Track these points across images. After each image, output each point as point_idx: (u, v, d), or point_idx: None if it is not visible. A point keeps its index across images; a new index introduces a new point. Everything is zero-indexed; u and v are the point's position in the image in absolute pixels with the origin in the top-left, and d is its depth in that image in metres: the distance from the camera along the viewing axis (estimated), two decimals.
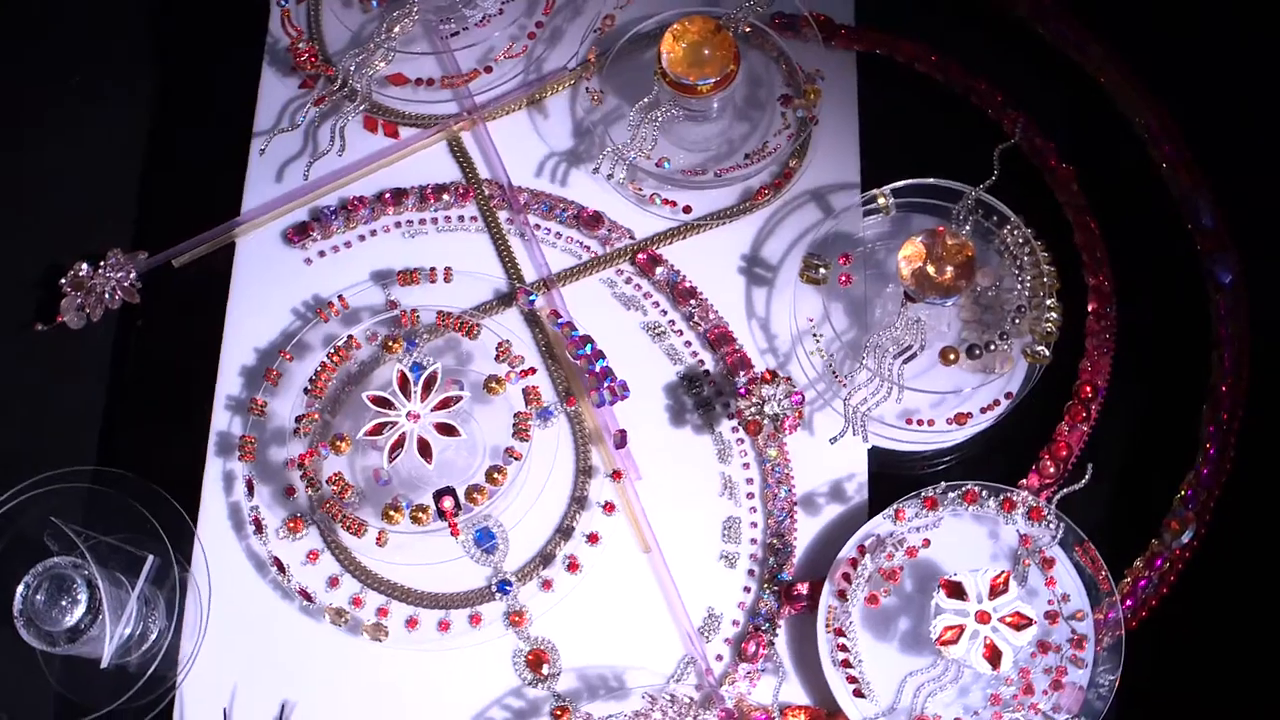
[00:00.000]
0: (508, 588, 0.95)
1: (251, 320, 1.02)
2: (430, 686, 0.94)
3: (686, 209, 1.03)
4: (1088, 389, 0.98)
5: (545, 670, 0.94)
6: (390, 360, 0.95)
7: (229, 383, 1.00)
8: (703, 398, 0.98)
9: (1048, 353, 0.96)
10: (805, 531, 0.97)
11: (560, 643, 0.95)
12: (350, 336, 0.96)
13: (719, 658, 0.95)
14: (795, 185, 1.04)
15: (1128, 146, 1.05)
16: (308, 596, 0.94)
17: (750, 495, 0.98)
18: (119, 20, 1.11)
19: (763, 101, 1.05)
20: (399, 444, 0.92)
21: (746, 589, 0.96)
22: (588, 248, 1.04)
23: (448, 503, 0.90)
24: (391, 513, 0.91)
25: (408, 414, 0.92)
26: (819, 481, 0.98)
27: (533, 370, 0.95)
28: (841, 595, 0.90)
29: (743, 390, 0.94)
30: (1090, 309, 1.01)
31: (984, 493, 0.92)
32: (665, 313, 1.03)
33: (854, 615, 0.91)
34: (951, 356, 0.93)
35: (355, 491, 0.93)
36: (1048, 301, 0.96)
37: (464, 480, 0.93)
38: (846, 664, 0.89)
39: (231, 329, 1.02)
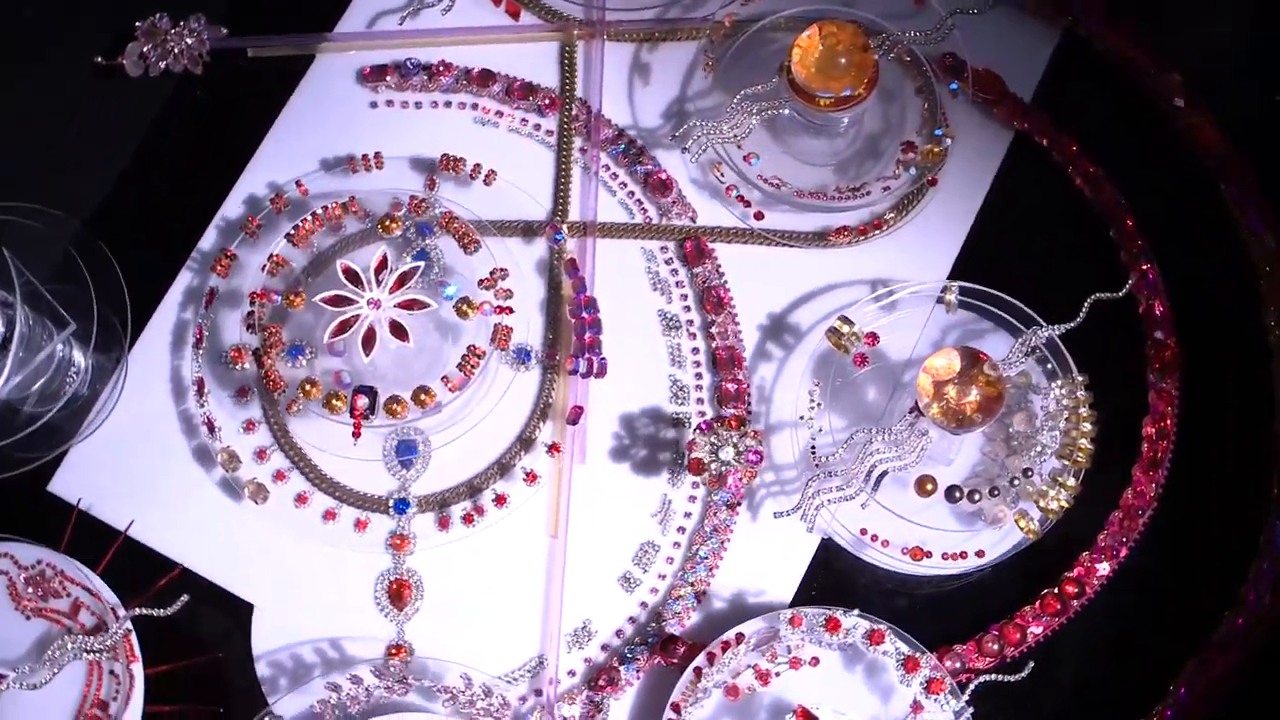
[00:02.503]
0: (405, 509, 0.96)
1: (292, 141, 1.04)
2: (284, 568, 0.96)
3: (758, 215, 1.01)
4: (1072, 587, 0.93)
5: (402, 605, 0.95)
6: (387, 240, 0.96)
7: (234, 205, 1.02)
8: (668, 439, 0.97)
9: (1039, 529, 0.91)
10: (717, 591, 0.95)
11: (428, 588, 0.95)
12: (352, 198, 0.97)
13: (571, 673, 0.94)
14: (878, 240, 1.00)
15: (1255, 352, 0.98)
16: (211, 427, 0.97)
17: (681, 530, 0.97)
18: None
19: (885, 140, 1.01)
20: (348, 325, 0.93)
21: (632, 620, 0.95)
22: (645, 210, 1.02)
23: (362, 402, 0.91)
24: (308, 386, 0.92)
25: (370, 300, 0.93)
26: (757, 550, 0.96)
27: (510, 310, 0.94)
28: (698, 673, 0.88)
29: (704, 424, 0.92)
30: (1120, 505, 0.95)
31: (892, 640, 0.88)
32: (689, 309, 1.01)
33: (708, 700, 0.89)
34: (929, 488, 0.89)
35: (288, 351, 0.94)
36: (1068, 479, 0.91)
37: (405, 388, 0.93)
38: None
39: (269, 143, 1.04)
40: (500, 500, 0.96)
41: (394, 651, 0.94)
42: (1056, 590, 0.93)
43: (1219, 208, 1.00)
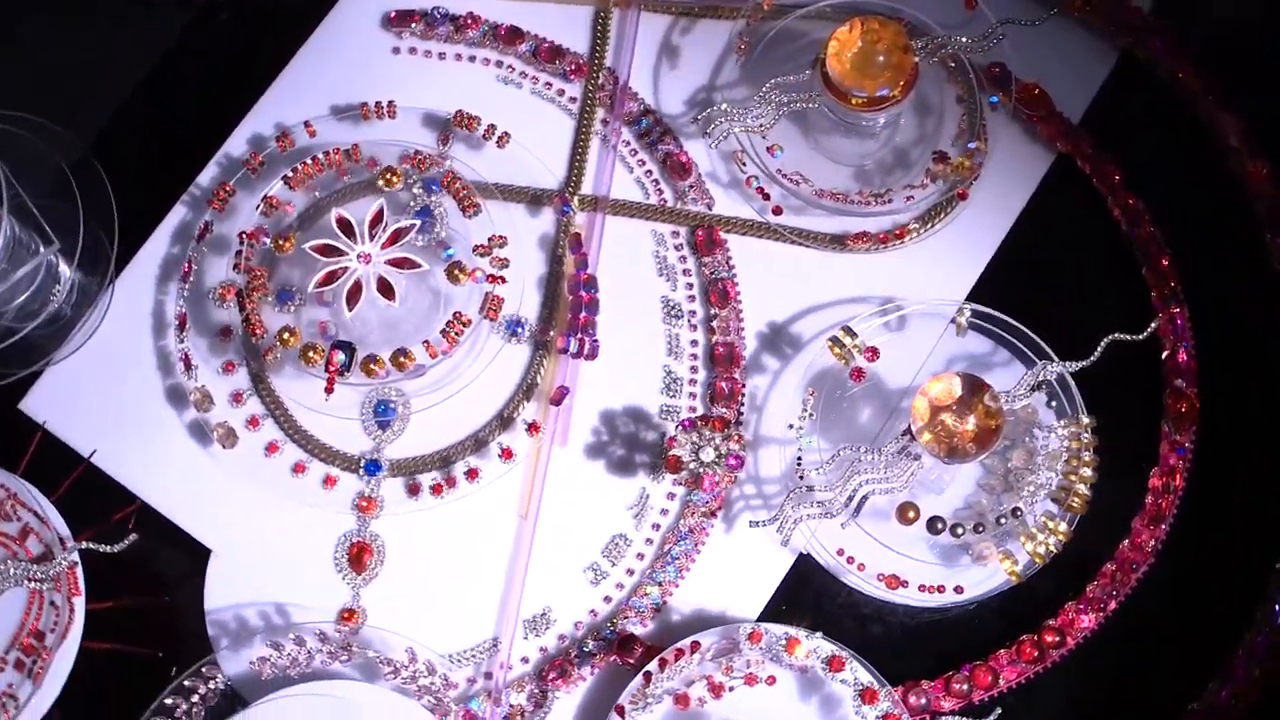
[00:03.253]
0: (376, 470, 0.97)
1: (307, 80, 1.04)
2: (246, 517, 0.97)
3: (777, 210, 1.00)
4: (1052, 636, 0.92)
5: (361, 569, 0.95)
6: (388, 193, 0.96)
7: (238, 143, 1.02)
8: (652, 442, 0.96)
9: (1022, 572, 0.90)
10: (684, 595, 0.95)
11: (389, 555, 0.96)
12: (355, 145, 0.97)
13: (524, 659, 0.95)
14: (898, 250, 0.99)
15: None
16: (189, 364, 0.97)
17: (656, 527, 0.96)
18: None
19: (919, 148, 1.00)
20: (335, 276, 0.93)
21: (593, 613, 0.95)
22: (660, 191, 1.02)
23: (338, 357, 0.92)
24: (286, 335, 0.93)
25: (360, 254, 0.93)
26: (731, 557, 0.96)
27: (502, 280, 0.94)
28: (647, 678, 0.88)
29: (687, 422, 0.91)
30: (1115, 557, 0.94)
31: (853, 668, 0.88)
32: (693, 299, 1.00)
33: (658, 707, 0.89)
34: (911, 515, 0.89)
35: (277, 295, 0.95)
36: (1059, 524, 0.90)
37: (390, 348, 0.94)
38: None
39: (283, 81, 1.04)
40: (472, 474, 0.96)
41: (346, 616, 0.94)
42: (1036, 637, 0.92)
43: (1263, 260, 0.98)
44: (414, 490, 0.97)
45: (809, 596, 0.95)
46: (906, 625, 0.94)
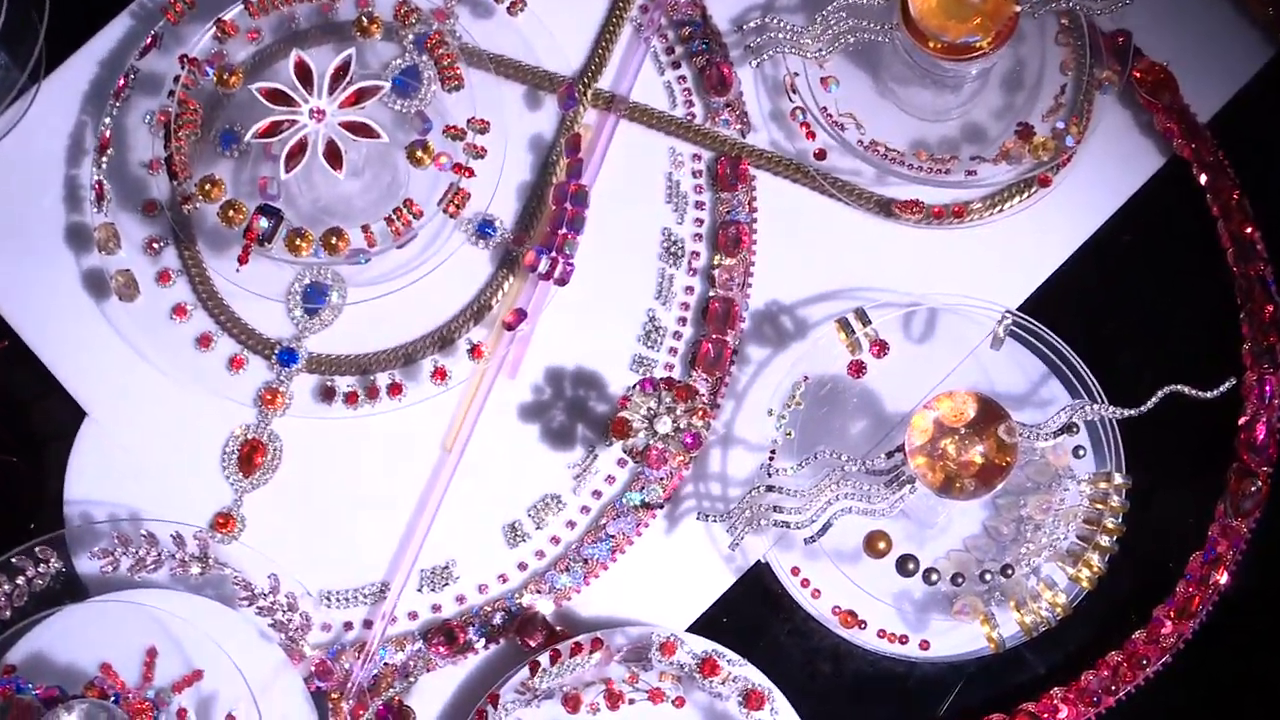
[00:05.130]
0: (291, 361, 0.94)
1: None
2: (132, 384, 0.95)
3: (820, 154, 0.95)
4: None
5: (251, 471, 0.93)
6: (364, 43, 0.92)
7: None
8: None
9: (1000, 641, 0.86)
10: (610, 582, 0.92)
11: (284, 463, 0.93)
12: None
13: (412, 615, 0.92)
14: (953, 229, 0.95)
15: None
16: (101, 194, 0.95)
17: (596, 495, 0.93)
18: None
19: (1004, 116, 0.95)
20: (278, 129, 0.90)
21: (503, 578, 0.92)
22: (690, 104, 0.98)
23: (261, 223, 0.88)
24: (209, 186, 0.90)
25: (314, 109, 0.90)
26: (675, 550, 0.93)
27: (471, 173, 0.90)
28: (534, 670, 0.85)
29: (647, 383, 0.87)
30: (1125, 646, 0.89)
31: (774, 708, 0.84)
32: (699, 239, 0.96)
33: (546, 704, 0.86)
34: (880, 547, 0.84)
35: (220, 136, 0.92)
36: (1058, 595, 0.85)
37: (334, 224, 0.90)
38: None
39: None
40: (395, 390, 0.93)
41: (221, 522, 0.92)
42: (1008, 718, 0.88)
43: None
44: (327, 394, 0.94)
45: (756, 613, 0.92)
46: (862, 672, 0.91)
